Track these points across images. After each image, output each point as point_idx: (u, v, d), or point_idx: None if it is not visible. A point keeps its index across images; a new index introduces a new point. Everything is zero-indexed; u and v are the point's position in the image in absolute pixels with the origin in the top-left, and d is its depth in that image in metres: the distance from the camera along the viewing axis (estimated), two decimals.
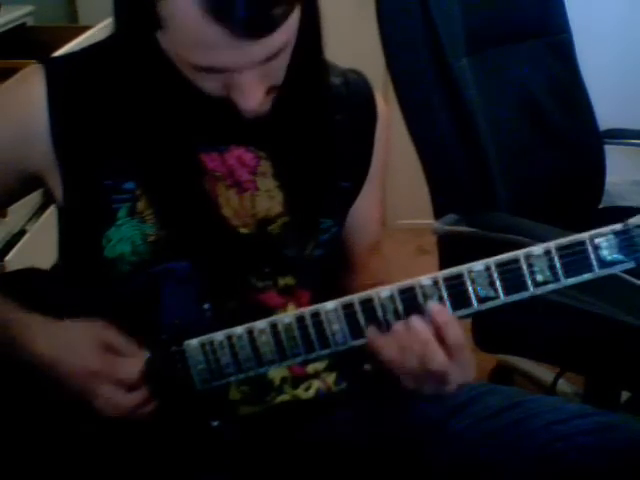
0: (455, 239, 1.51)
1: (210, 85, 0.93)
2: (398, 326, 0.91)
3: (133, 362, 0.96)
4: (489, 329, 1.64)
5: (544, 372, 2.03)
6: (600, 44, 2.68)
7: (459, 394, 1.08)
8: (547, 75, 1.87)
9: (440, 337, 0.90)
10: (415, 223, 2.92)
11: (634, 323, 1.36)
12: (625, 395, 1.82)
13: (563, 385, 1.96)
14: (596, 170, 1.94)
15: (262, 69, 0.90)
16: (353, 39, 2.59)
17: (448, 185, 1.67)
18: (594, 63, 2.02)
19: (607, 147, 1.95)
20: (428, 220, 1.64)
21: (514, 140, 1.76)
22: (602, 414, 1.05)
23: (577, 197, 1.87)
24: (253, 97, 0.92)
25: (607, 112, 1.97)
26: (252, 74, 0.90)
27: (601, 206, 1.95)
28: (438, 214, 1.63)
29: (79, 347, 0.96)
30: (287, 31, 0.89)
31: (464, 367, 0.92)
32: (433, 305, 0.90)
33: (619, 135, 2.02)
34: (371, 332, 0.92)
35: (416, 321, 0.90)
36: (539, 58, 1.85)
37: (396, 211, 3.05)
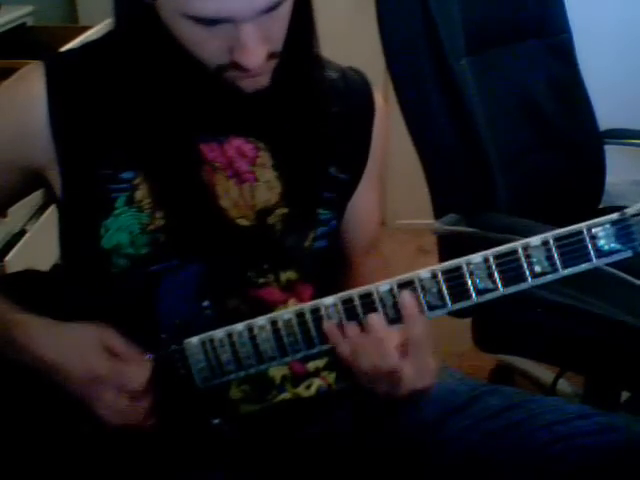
0: (455, 239, 1.51)
1: (212, 49, 0.94)
2: (352, 324, 0.92)
3: (139, 370, 0.95)
4: (489, 329, 1.64)
5: (544, 372, 2.03)
6: (600, 44, 2.68)
7: (458, 397, 1.09)
8: (547, 75, 1.87)
9: (401, 332, 0.91)
10: (415, 223, 2.92)
11: (634, 323, 1.36)
12: (625, 395, 1.82)
13: (563, 385, 1.96)
14: (596, 170, 1.94)
15: (263, 27, 0.91)
16: (353, 39, 2.59)
17: (448, 185, 1.67)
18: (594, 63, 2.02)
19: (607, 147, 1.95)
20: (428, 220, 1.64)
21: (514, 140, 1.76)
22: (602, 415, 1.05)
23: (577, 197, 1.87)
24: (255, 54, 0.92)
25: (607, 112, 1.97)
26: (254, 30, 0.91)
27: (601, 206, 1.95)
28: (438, 214, 1.63)
29: (82, 350, 0.95)
30: None
31: (420, 370, 0.92)
32: (404, 296, 0.91)
33: (619, 135, 2.01)
34: (329, 328, 0.92)
35: (373, 318, 0.91)
36: (539, 58, 1.85)
37: (396, 211, 3.05)
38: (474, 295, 0.91)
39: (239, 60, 0.93)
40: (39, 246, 1.87)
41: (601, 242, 0.89)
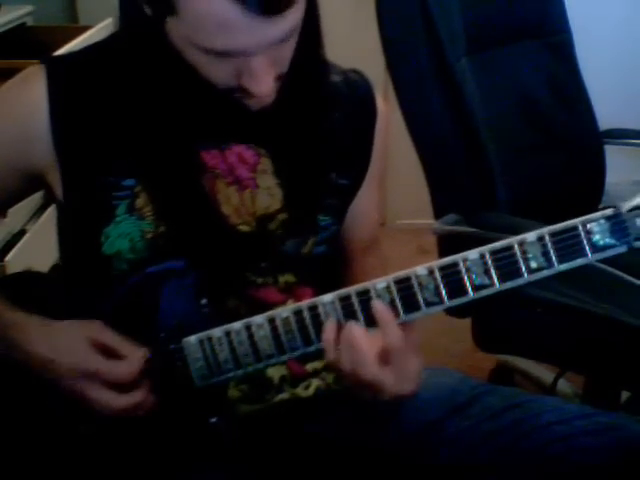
0: (455, 239, 1.51)
1: (221, 73, 0.93)
2: (330, 332, 0.91)
3: (128, 363, 0.95)
4: (489, 329, 1.64)
5: (544, 372, 2.03)
6: (600, 44, 2.69)
7: (458, 397, 1.09)
8: (547, 75, 1.86)
9: (379, 339, 0.90)
10: (415, 223, 2.92)
11: (634, 323, 1.36)
12: (625, 395, 1.82)
13: (563, 385, 1.96)
14: (596, 170, 1.94)
15: (273, 54, 0.91)
16: (353, 39, 2.59)
17: (448, 185, 1.67)
18: (594, 63, 2.02)
19: (607, 147, 1.95)
20: (428, 220, 1.64)
21: (514, 140, 1.76)
22: (602, 414, 1.05)
23: (577, 197, 1.87)
24: (265, 82, 0.92)
25: (607, 112, 1.97)
26: (264, 59, 0.91)
27: (601, 206, 1.95)
28: (438, 214, 1.63)
29: (71, 347, 0.96)
30: (298, 11, 0.90)
31: (402, 377, 0.91)
32: (376, 303, 0.91)
33: (619, 135, 2.02)
34: (326, 336, 0.92)
35: (354, 328, 0.91)
36: (539, 58, 1.85)
37: (396, 211, 3.05)
38: (470, 291, 0.91)
39: (248, 87, 0.93)
40: (39, 246, 1.87)
41: (596, 237, 0.89)
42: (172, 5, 0.87)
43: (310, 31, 0.99)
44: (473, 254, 0.91)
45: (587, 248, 0.89)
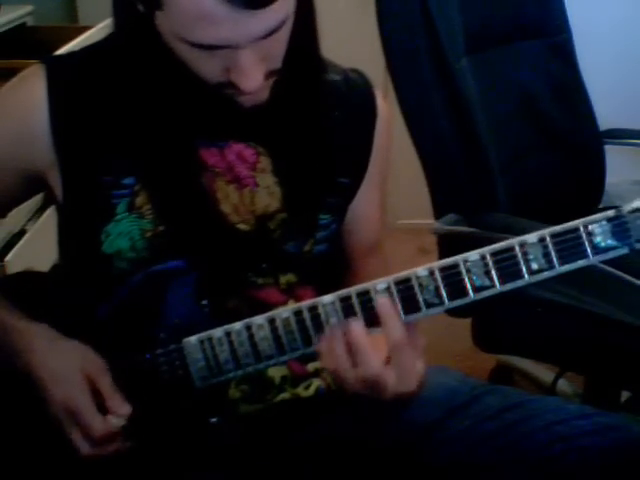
0: (455, 239, 1.51)
1: (210, 68, 0.93)
2: (332, 329, 0.91)
3: (105, 423, 0.94)
4: (489, 329, 1.64)
5: (544, 372, 2.03)
6: (600, 44, 2.68)
7: (458, 397, 1.09)
8: (547, 75, 1.87)
9: (381, 338, 0.90)
10: (415, 223, 2.92)
11: (634, 323, 1.37)
12: (625, 395, 1.82)
13: (563, 385, 1.96)
14: (596, 170, 1.94)
15: (261, 49, 0.91)
16: (353, 39, 2.59)
17: (448, 185, 1.67)
18: (594, 63, 2.02)
19: (607, 147, 1.95)
20: (428, 220, 1.64)
21: (514, 140, 1.77)
22: (602, 414, 1.05)
23: (577, 197, 1.87)
24: (253, 77, 0.92)
25: (607, 112, 1.97)
26: (252, 54, 0.91)
27: (601, 206, 1.95)
28: (438, 214, 1.63)
29: (66, 378, 0.96)
30: (284, 6, 0.90)
31: (404, 375, 0.91)
32: (379, 298, 0.90)
33: (619, 135, 2.02)
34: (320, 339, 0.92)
35: (353, 323, 0.90)
36: (539, 58, 1.85)
37: (396, 211, 3.05)
38: (471, 292, 0.90)
39: (237, 82, 0.93)
40: (39, 246, 1.87)
41: (597, 239, 0.88)
42: (158, 0, 0.88)
43: (304, 27, 0.99)
44: (474, 255, 0.90)
45: (588, 250, 0.88)
